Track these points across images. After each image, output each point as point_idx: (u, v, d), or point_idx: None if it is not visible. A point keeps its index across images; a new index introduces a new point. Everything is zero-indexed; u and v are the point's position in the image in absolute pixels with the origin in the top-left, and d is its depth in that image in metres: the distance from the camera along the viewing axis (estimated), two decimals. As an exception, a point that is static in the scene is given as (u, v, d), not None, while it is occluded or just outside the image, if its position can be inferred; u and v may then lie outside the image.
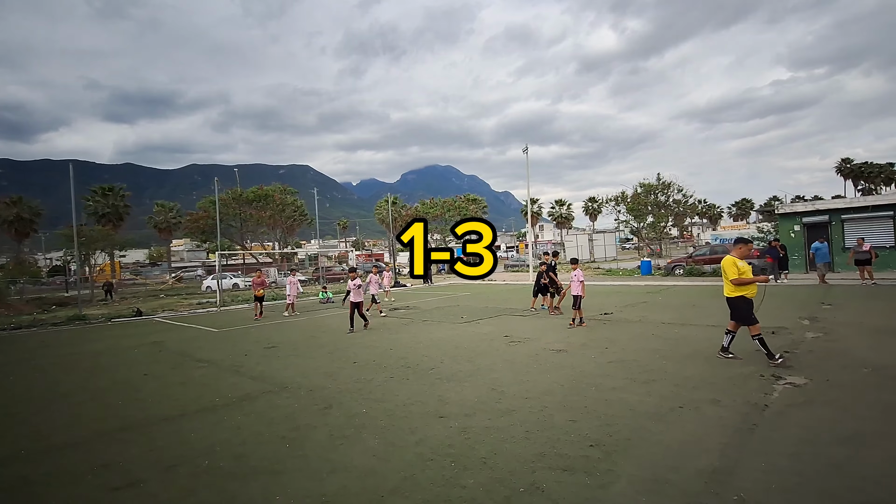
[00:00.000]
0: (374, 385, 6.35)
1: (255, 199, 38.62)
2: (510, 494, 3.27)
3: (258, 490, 3.55)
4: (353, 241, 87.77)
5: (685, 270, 22.98)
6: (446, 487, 3.42)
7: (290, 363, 8.09)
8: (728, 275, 6.58)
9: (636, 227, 41.51)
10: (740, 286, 6.49)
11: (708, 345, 7.67)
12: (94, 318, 17.34)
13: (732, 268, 6.54)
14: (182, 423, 5.22)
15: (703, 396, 5.12)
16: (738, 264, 6.54)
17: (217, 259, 22.53)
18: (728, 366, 6.36)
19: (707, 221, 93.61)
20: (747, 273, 6.50)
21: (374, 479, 3.60)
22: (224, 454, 4.27)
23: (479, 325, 11.08)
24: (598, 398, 5.25)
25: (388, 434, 4.53)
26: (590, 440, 4.10)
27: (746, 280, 6.45)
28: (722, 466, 3.53)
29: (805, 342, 7.62)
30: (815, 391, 5.17)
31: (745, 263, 6.59)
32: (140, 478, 3.88)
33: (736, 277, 6.48)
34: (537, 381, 6.04)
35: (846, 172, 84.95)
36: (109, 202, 46.91)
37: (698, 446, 3.89)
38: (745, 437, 4.04)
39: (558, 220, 79.68)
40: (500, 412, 4.96)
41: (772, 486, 3.22)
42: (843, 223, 20.20)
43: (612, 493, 3.23)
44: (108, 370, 8.39)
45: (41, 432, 5.20)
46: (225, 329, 13.12)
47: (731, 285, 6.59)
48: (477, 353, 7.95)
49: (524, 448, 4.02)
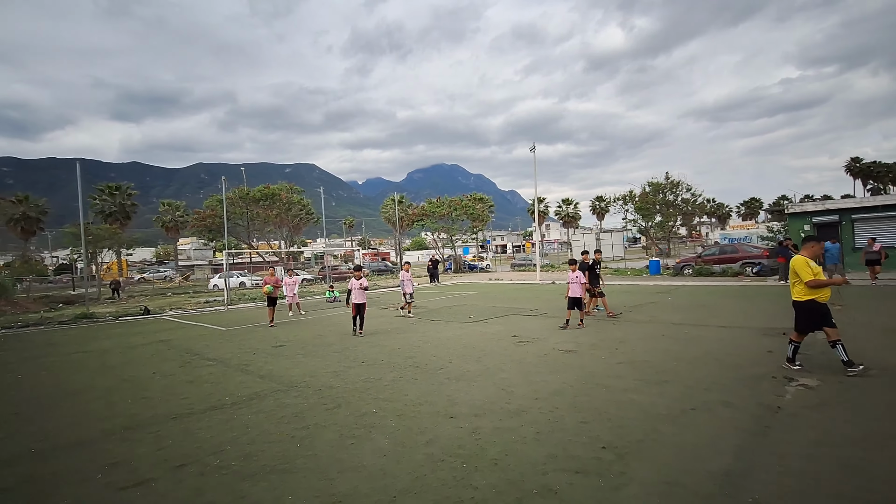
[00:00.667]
0: (382, 384, 6.33)
1: (262, 198, 38.72)
2: (522, 496, 3.23)
3: (268, 489, 3.53)
4: (359, 240, 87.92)
5: (694, 270, 22.80)
6: (457, 489, 3.39)
7: (297, 362, 8.09)
8: (802, 276, 5.93)
9: (644, 227, 41.27)
10: (815, 289, 5.88)
11: (720, 346, 7.59)
12: (101, 317, 17.45)
13: (806, 268, 5.90)
14: (191, 422, 5.23)
15: (715, 398, 5.06)
16: (811, 265, 5.92)
17: (224, 258, 22.62)
18: (740, 368, 6.28)
19: (716, 221, 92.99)
20: (820, 274, 5.94)
21: (384, 480, 3.58)
22: (233, 453, 4.26)
23: (487, 325, 11.04)
24: (609, 399, 5.20)
25: (397, 434, 4.50)
26: (602, 442, 4.06)
27: (823, 282, 5.87)
28: (735, 469, 3.48)
29: (816, 343, 7.51)
30: (827, 393, 5.10)
31: (815, 264, 6.01)
32: (148, 477, 3.88)
33: (812, 279, 5.84)
34: (547, 382, 6.00)
35: (855, 172, 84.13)
36: (116, 201, 47.25)
37: (711, 448, 3.84)
38: (759, 440, 3.98)
39: (565, 219, 79.41)
40: (509, 413, 4.93)
41: (787, 489, 3.17)
42: (853, 223, 19.98)
43: (624, 495, 3.19)
44: (115, 368, 8.43)
45: (49, 431, 5.22)
46: (232, 327, 13.15)
47: (802, 288, 5.97)
48: (485, 353, 7.92)
49: (535, 449, 3.98)
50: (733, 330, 8.93)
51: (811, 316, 5.97)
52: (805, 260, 6.00)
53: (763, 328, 8.87)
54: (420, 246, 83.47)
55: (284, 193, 40.29)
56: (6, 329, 15.27)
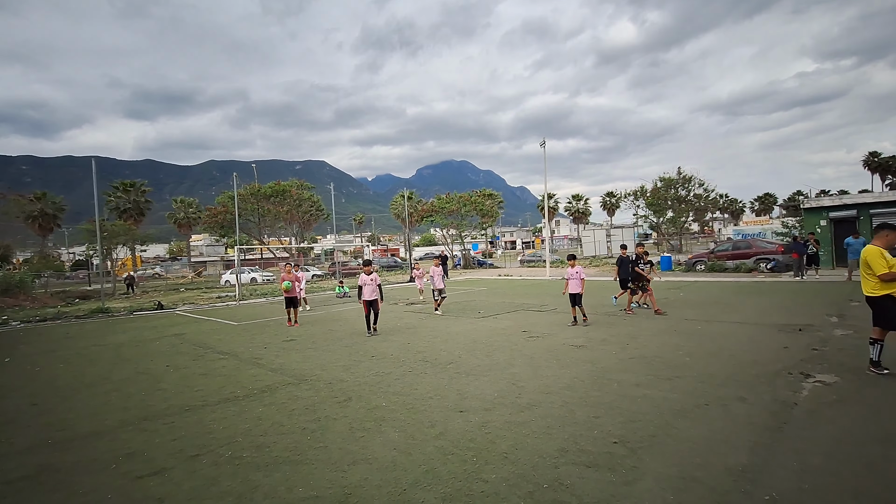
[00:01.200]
0: (392, 378, 6.34)
1: (273, 195, 39.00)
2: (533, 490, 3.22)
3: (280, 480, 3.56)
4: (368, 236, 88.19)
5: (707, 266, 22.53)
6: (468, 481, 3.38)
7: (308, 356, 8.15)
8: (875, 268, 5.35)
9: (655, 223, 40.88)
10: (889, 282, 5.35)
11: (734, 341, 7.50)
12: (116, 311, 17.73)
13: (879, 260, 5.33)
14: (204, 414, 5.28)
15: (729, 394, 4.99)
16: (886, 255, 5.35)
17: (236, 254, 22.83)
18: (754, 364, 6.19)
19: (728, 216, 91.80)
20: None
21: (395, 472, 3.58)
22: (246, 444, 4.30)
23: (497, 320, 11.01)
24: (620, 394, 5.16)
25: (408, 427, 4.51)
26: (613, 436, 4.02)
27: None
28: (752, 465, 3.42)
29: (833, 339, 7.39)
30: (846, 390, 5.00)
31: (890, 255, 5.42)
32: (164, 466, 3.93)
33: (886, 272, 5.28)
34: (557, 377, 5.97)
35: (874, 166, 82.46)
36: (130, 198, 47.96)
37: (726, 444, 3.79)
38: (775, 436, 3.92)
39: (575, 214, 78.95)
40: (520, 407, 4.91)
41: (805, 486, 3.12)
42: (871, 218, 19.57)
43: (638, 489, 3.16)
44: (130, 361, 8.55)
45: (67, 421, 5.32)
46: (244, 322, 13.28)
47: (875, 282, 5.42)
48: (495, 348, 7.90)
49: (546, 443, 3.96)
50: (747, 326, 8.81)
51: (889, 312, 5.37)
52: (879, 250, 5.39)
53: (778, 324, 8.73)
54: (429, 242, 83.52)
55: (295, 190, 40.53)
56: (25, 323, 15.59)
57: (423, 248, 78.68)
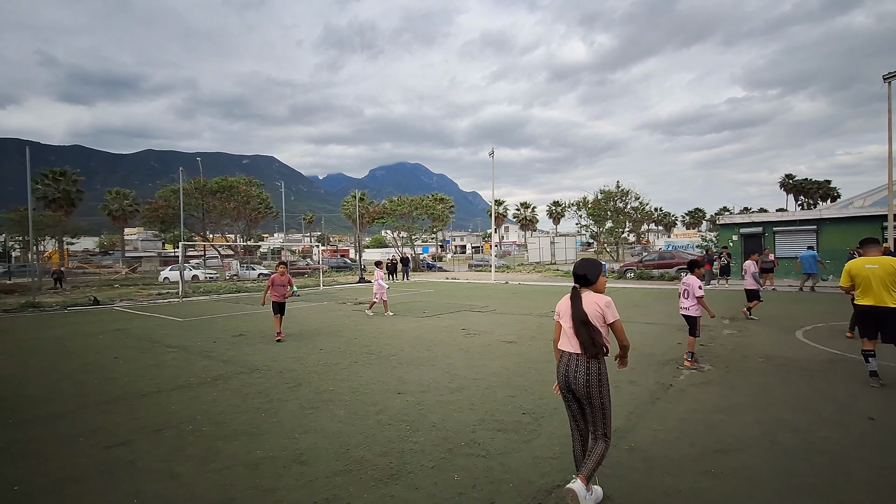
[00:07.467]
0: (339, 368, 6.98)
1: (220, 190, 38.01)
2: (452, 447, 4.02)
3: (240, 447, 4.14)
4: (318, 236, 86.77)
5: (636, 274, 24.50)
6: (401, 443, 4.13)
7: (258, 349, 8.58)
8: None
9: (596, 232, 43.34)
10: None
11: (640, 338, 8.67)
12: (48, 306, 17.02)
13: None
14: (161, 398, 5.70)
15: (624, 378, 6.02)
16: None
17: (181, 250, 22.36)
18: (650, 356, 7.34)
19: (662, 229, 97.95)
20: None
21: (340, 438, 4.27)
22: (205, 421, 4.82)
23: (440, 319, 11.82)
24: (537, 379, 6.08)
25: (352, 406, 5.19)
26: (523, 410, 4.91)
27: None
28: (624, 427, 4.39)
29: (720, 337, 8.75)
30: (714, 375, 6.18)
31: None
32: (130, 439, 4.40)
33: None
34: (487, 366, 6.84)
35: (789, 187, 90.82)
36: (60, 187, 44.98)
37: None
38: (648, 408, 4.95)
39: (523, 222, 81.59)
40: (451, 390, 5.71)
41: (657, 439, 4.10)
42: (774, 234, 22.16)
43: (534, 445, 4.03)
44: (76, 354, 8.60)
45: (22, 406, 5.54)
46: (190, 318, 13.32)
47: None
48: (435, 343, 8.69)
49: (468, 416, 4.78)
50: (654, 326, 10.12)
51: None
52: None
53: (680, 325, 10.05)
54: (380, 244, 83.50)
55: (243, 186, 39.68)
56: (-56, 317, 14.70)
57: (374, 249, 78.50)
